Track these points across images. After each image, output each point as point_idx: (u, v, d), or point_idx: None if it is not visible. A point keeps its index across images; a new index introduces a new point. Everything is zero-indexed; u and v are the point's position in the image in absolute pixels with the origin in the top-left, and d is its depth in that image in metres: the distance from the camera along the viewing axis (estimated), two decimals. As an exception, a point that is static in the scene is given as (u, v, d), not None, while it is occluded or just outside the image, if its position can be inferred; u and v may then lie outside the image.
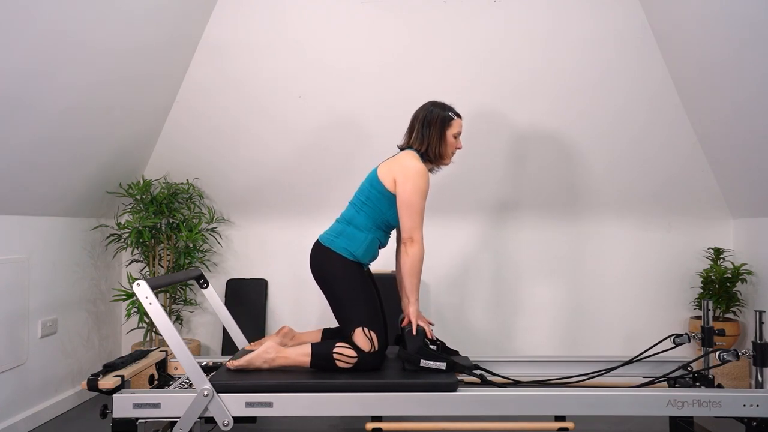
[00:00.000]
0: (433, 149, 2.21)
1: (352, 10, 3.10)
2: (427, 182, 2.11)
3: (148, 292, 1.87)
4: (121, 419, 1.85)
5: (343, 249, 2.13)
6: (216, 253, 3.54)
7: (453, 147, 2.24)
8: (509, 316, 3.44)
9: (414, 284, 2.11)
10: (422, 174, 2.10)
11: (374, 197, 2.15)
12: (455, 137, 2.24)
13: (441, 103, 2.25)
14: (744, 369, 3.10)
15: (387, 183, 2.13)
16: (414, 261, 2.09)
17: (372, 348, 2.05)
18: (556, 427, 1.92)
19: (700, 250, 3.39)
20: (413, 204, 2.08)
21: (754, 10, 2.39)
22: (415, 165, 2.11)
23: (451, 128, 2.22)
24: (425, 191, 2.11)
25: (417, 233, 2.09)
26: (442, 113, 2.21)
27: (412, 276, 2.10)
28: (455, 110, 2.26)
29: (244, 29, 3.14)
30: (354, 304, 2.08)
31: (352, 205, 2.21)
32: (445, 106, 2.24)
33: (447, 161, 2.26)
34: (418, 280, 2.11)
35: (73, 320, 3.01)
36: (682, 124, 3.21)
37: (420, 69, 3.19)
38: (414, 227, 2.09)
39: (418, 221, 2.09)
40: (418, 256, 2.09)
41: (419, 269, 2.11)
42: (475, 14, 3.09)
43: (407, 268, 2.10)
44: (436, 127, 2.20)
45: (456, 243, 3.46)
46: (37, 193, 2.66)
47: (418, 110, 2.26)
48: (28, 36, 2.13)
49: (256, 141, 3.35)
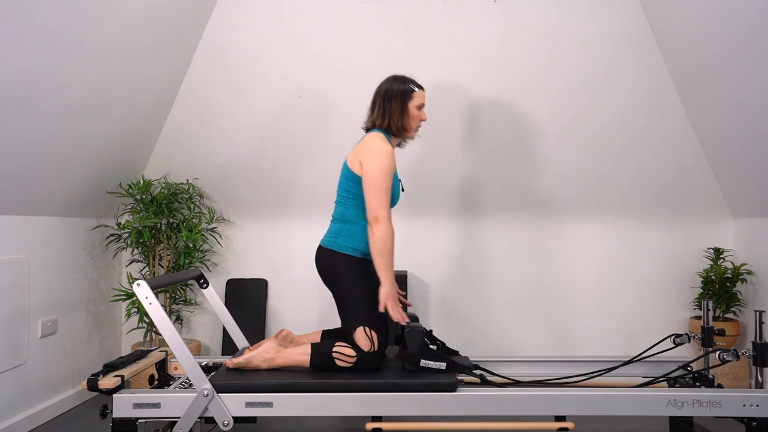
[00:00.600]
0: (395, 122, 2.20)
1: (352, 10, 3.10)
2: (391, 161, 2.10)
3: (148, 292, 1.87)
4: (121, 419, 1.85)
5: (346, 247, 2.13)
6: (216, 253, 3.54)
7: (416, 119, 2.23)
8: (509, 316, 3.44)
9: (383, 264, 2.06)
10: (385, 153, 2.09)
11: (353, 188, 2.14)
12: (418, 109, 2.22)
13: (402, 76, 2.24)
14: (744, 369, 3.10)
15: (357, 169, 2.13)
16: (380, 240, 2.05)
17: (372, 348, 2.05)
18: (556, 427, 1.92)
19: (700, 250, 3.39)
20: (376, 183, 2.06)
21: (754, 10, 2.39)
22: (379, 145, 2.10)
23: (413, 100, 2.21)
24: (389, 170, 2.09)
25: (382, 212, 2.06)
26: (402, 86, 2.21)
27: (380, 256, 2.05)
28: (416, 82, 2.24)
29: (244, 29, 3.14)
30: (357, 304, 2.08)
31: (338, 203, 2.21)
32: (406, 79, 2.23)
33: (411, 134, 2.25)
34: (387, 260, 2.06)
35: (73, 320, 3.01)
36: (682, 124, 3.21)
37: (420, 69, 3.19)
38: (378, 206, 2.06)
39: (383, 200, 2.07)
40: (383, 234, 2.05)
41: (388, 248, 2.06)
42: (475, 14, 3.09)
43: (375, 249, 2.06)
44: (398, 100, 2.20)
45: (456, 243, 3.46)
46: (37, 193, 2.66)
47: (379, 86, 2.25)
48: (28, 36, 2.13)
49: (256, 141, 3.35)
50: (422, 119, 2.25)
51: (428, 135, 3.29)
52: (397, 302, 2.09)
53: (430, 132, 3.28)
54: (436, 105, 3.24)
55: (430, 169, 3.36)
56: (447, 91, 3.21)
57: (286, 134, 3.33)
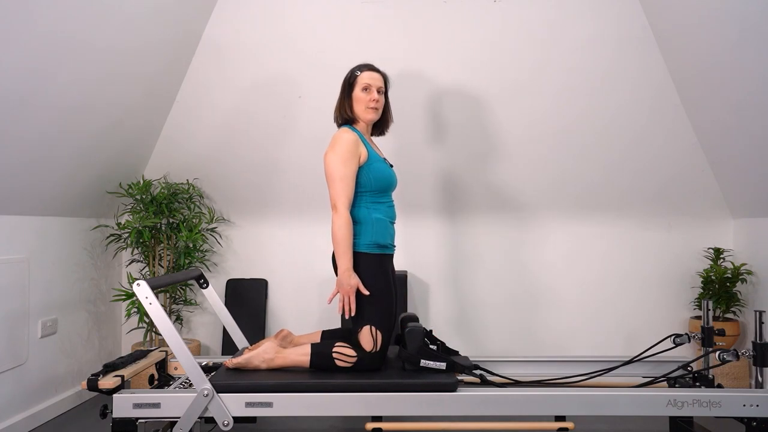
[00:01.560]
0: (345, 113, 2.22)
1: (352, 10, 3.10)
2: (347, 148, 2.08)
3: (148, 292, 1.87)
4: (121, 419, 1.85)
5: (356, 245, 2.10)
6: (216, 253, 3.54)
7: (362, 102, 2.20)
8: (509, 316, 3.44)
9: (338, 252, 2.04)
10: (340, 141, 2.09)
11: None
12: (364, 90, 2.20)
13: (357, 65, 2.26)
14: (744, 369, 3.10)
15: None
16: (335, 229, 2.04)
17: (374, 348, 2.05)
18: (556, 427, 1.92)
19: (700, 250, 3.39)
20: (334, 172, 2.07)
21: (754, 10, 2.39)
22: (337, 135, 2.13)
23: (357, 84, 2.21)
24: (345, 157, 2.07)
25: (339, 200, 2.05)
26: (347, 76, 2.23)
27: (336, 244, 2.04)
28: (365, 65, 2.24)
29: (244, 29, 3.14)
30: (368, 302, 2.07)
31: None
32: (354, 68, 2.24)
33: (367, 116, 2.20)
34: (342, 248, 2.04)
35: (73, 320, 3.01)
36: (682, 124, 3.21)
37: (420, 69, 3.19)
38: (336, 195, 2.06)
39: (340, 188, 2.05)
40: (338, 223, 2.03)
41: (343, 236, 2.03)
42: (475, 14, 3.09)
43: (333, 237, 2.05)
44: (344, 90, 2.23)
45: (456, 243, 3.46)
46: (37, 193, 2.66)
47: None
48: (28, 36, 2.13)
49: (256, 141, 3.35)
50: (373, 99, 2.20)
51: (429, 135, 3.29)
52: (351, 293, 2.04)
53: (430, 132, 3.28)
54: (436, 105, 3.24)
55: (428, 169, 3.36)
56: (447, 91, 3.21)
57: (286, 134, 3.33)
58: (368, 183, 2.13)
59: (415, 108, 3.23)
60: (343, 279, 2.04)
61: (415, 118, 3.25)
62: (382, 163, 2.19)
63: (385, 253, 2.16)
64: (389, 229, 2.18)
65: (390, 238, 2.19)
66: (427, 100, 3.23)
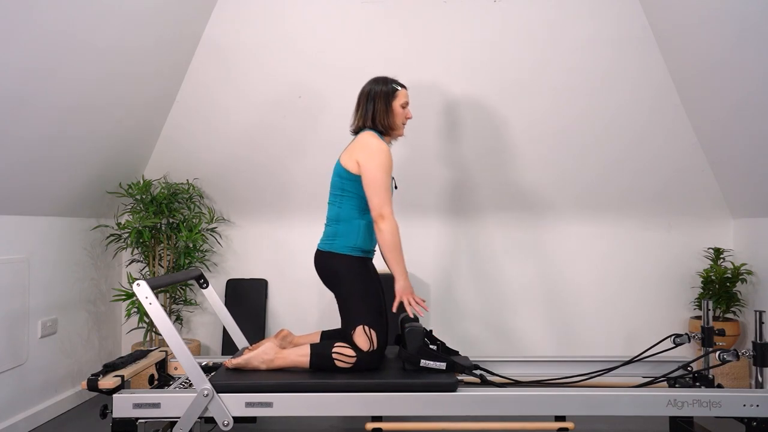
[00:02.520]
0: (381, 121, 2.23)
1: (352, 10, 3.09)
2: (388, 158, 2.13)
3: (148, 292, 1.87)
4: (121, 419, 1.85)
5: (343, 247, 2.13)
6: (216, 253, 3.54)
7: (402, 117, 2.27)
8: (509, 316, 3.45)
9: (395, 259, 2.09)
10: (383, 150, 2.12)
11: (348, 186, 2.16)
12: (402, 107, 2.26)
13: (383, 77, 2.29)
14: (744, 369, 3.10)
15: (352, 168, 2.14)
16: (388, 236, 2.08)
17: (371, 347, 2.05)
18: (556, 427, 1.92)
19: (700, 250, 3.39)
20: (377, 180, 2.09)
21: (754, 10, 2.39)
22: (375, 142, 2.14)
23: (397, 99, 2.25)
24: (388, 167, 2.12)
25: (386, 208, 2.09)
26: (384, 87, 2.25)
27: (391, 251, 2.09)
28: (398, 81, 2.29)
29: (244, 29, 3.14)
30: (356, 303, 2.09)
31: (332, 203, 2.22)
32: (388, 80, 2.27)
33: (399, 131, 2.29)
34: (398, 254, 2.09)
35: (73, 320, 3.01)
36: (682, 124, 3.21)
37: (420, 69, 3.19)
38: (382, 203, 2.09)
39: (385, 197, 2.10)
40: (390, 229, 2.08)
41: (396, 243, 2.09)
42: (475, 14, 3.09)
43: (385, 245, 2.09)
44: (381, 100, 2.24)
45: (456, 243, 3.46)
46: (37, 193, 2.66)
47: (361, 89, 2.30)
48: (28, 36, 2.13)
49: (256, 141, 3.35)
50: (408, 117, 2.29)
51: (428, 135, 3.29)
52: (413, 295, 2.10)
53: (430, 132, 3.28)
54: (436, 105, 3.24)
55: (430, 170, 3.36)
56: (447, 91, 3.21)
57: (286, 134, 3.33)
58: None
59: (414, 108, 3.23)
60: (405, 284, 2.10)
61: (414, 118, 3.25)
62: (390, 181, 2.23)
63: (367, 257, 2.19)
64: (374, 235, 2.21)
65: (373, 244, 2.23)
66: (426, 100, 3.23)
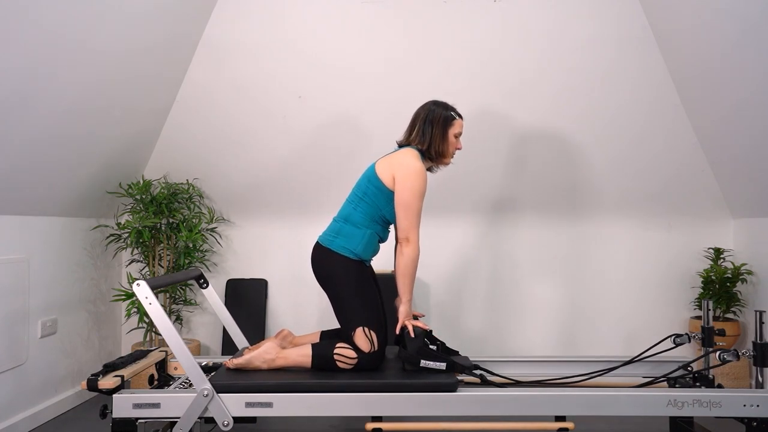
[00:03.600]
0: (435, 147, 2.21)
1: (352, 10, 3.09)
2: (425, 183, 2.12)
3: (148, 292, 1.87)
4: (121, 419, 1.85)
5: (343, 248, 2.12)
6: (216, 253, 3.54)
7: (454, 147, 2.26)
8: (509, 316, 3.44)
9: (406, 284, 2.12)
10: (421, 174, 2.10)
11: (372, 193, 2.14)
12: (456, 137, 2.25)
13: (443, 102, 2.27)
14: (744, 369, 3.10)
15: (385, 179, 2.13)
16: (408, 261, 2.10)
17: (372, 348, 2.05)
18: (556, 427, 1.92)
19: (700, 250, 3.39)
20: (410, 204, 2.08)
21: (754, 10, 2.39)
22: (415, 164, 2.11)
23: (453, 128, 2.23)
24: (423, 192, 2.11)
25: (413, 234, 2.10)
26: (445, 113, 2.22)
27: (404, 276, 2.11)
28: (457, 110, 2.28)
29: (244, 29, 3.14)
30: (355, 304, 2.09)
31: (349, 202, 2.20)
32: (448, 106, 2.25)
33: (448, 161, 2.27)
34: (410, 280, 2.12)
35: (73, 320, 3.01)
36: (682, 124, 3.21)
37: (420, 69, 3.19)
38: (410, 227, 2.09)
39: (415, 222, 2.10)
40: (412, 256, 2.10)
41: (412, 270, 2.12)
42: (476, 14, 3.09)
43: (401, 269, 2.12)
44: (439, 125, 2.21)
45: (456, 242, 3.46)
46: (37, 193, 2.66)
47: (420, 108, 2.27)
48: (28, 36, 2.13)
49: (255, 141, 3.35)
50: (458, 147, 2.27)
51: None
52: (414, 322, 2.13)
53: (430, 132, 3.28)
54: (436, 105, 3.24)
55: (430, 169, 3.36)
56: (447, 91, 3.21)
57: (285, 134, 3.33)
58: (390, 213, 2.16)
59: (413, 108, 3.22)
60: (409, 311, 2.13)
61: (415, 118, 3.25)
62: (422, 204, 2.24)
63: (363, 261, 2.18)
64: (376, 248, 2.22)
65: (370, 255, 2.21)
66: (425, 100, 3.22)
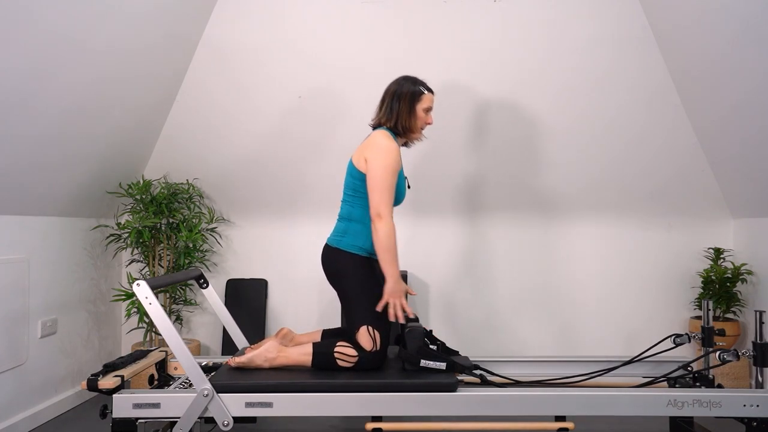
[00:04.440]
0: (402, 122, 2.20)
1: (352, 10, 3.09)
2: (395, 159, 2.10)
3: (148, 292, 1.87)
4: (121, 419, 1.85)
5: (352, 246, 2.12)
6: (216, 253, 3.54)
7: (423, 121, 2.24)
8: (509, 316, 3.44)
9: (387, 260, 2.06)
10: (389, 150, 2.09)
11: (359, 186, 2.15)
12: (425, 112, 2.23)
13: (413, 77, 2.25)
14: (744, 369, 3.10)
15: (361, 166, 2.13)
16: (383, 236, 2.05)
17: (374, 347, 2.05)
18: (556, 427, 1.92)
19: (700, 250, 3.39)
20: (381, 180, 2.06)
21: (754, 10, 2.39)
22: (385, 142, 2.11)
23: (422, 102, 2.22)
24: (393, 168, 2.09)
25: (384, 209, 2.06)
26: (412, 87, 2.22)
27: (384, 252, 2.06)
28: (427, 85, 2.25)
29: (244, 29, 3.14)
30: (361, 303, 2.08)
31: (345, 201, 2.21)
32: (417, 81, 2.24)
33: (417, 135, 2.26)
34: (390, 256, 2.06)
35: (73, 320, 3.01)
36: (682, 124, 3.21)
37: (420, 69, 3.18)
38: (381, 203, 2.06)
39: (386, 197, 2.07)
40: (385, 230, 2.05)
41: (389, 244, 2.06)
42: (475, 14, 3.09)
43: (378, 245, 2.06)
44: (406, 100, 2.20)
45: (456, 242, 3.46)
46: (37, 193, 2.66)
47: (389, 85, 2.26)
48: (28, 36, 2.13)
49: (256, 141, 3.35)
50: (428, 122, 2.26)
51: (430, 135, 3.29)
52: (401, 299, 2.08)
53: (431, 132, 3.28)
54: (435, 105, 3.24)
55: (431, 169, 3.36)
56: (447, 91, 3.21)
57: (285, 134, 3.33)
58: None
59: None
60: (395, 287, 2.07)
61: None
62: (403, 181, 2.23)
63: (374, 257, 2.18)
64: None
65: None
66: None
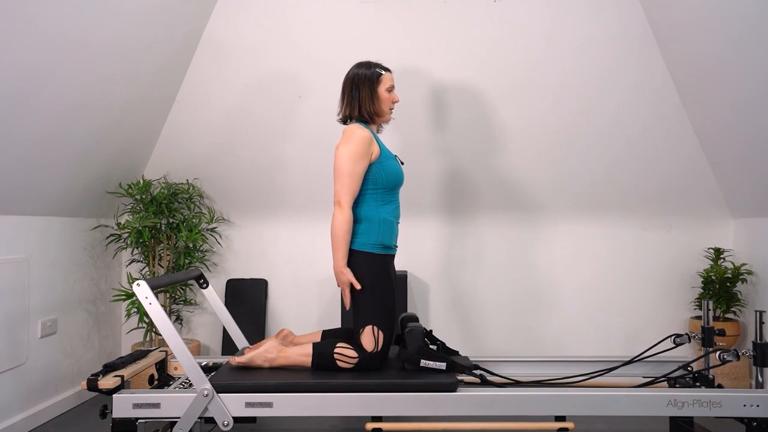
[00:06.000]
0: (366, 108, 2.19)
1: (351, 10, 3.09)
2: (363, 146, 2.08)
3: (148, 292, 1.87)
4: (121, 419, 1.85)
5: (365, 244, 2.11)
6: (216, 253, 3.54)
7: (388, 102, 2.23)
8: (509, 316, 3.44)
9: (336, 246, 2.06)
10: (354, 138, 2.08)
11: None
12: (388, 91, 2.22)
13: (366, 62, 2.25)
14: (744, 369, 3.10)
15: None
16: (337, 225, 2.05)
17: (375, 348, 2.05)
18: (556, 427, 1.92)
19: (700, 250, 3.39)
20: (343, 168, 2.06)
21: (754, 9, 2.39)
22: (351, 130, 2.11)
23: (382, 83, 2.21)
24: (355, 155, 2.07)
25: (344, 197, 2.06)
26: (368, 71, 2.21)
27: (336, 239, 2.06)
28: (382, 65, 2.25)
29: (245, 28, 3.14)
30: (370, 302, 2.08)
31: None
32: (371, 64, 2.23)
33: (386, 117, 2.26)
34: (338, 244, 2.05)
35: (73, 320, 3.01)
36: (682, 124, 3.21)
37: (419, 69, 3.19)
38: (341, 191, 2.06)
39: (347, 185, 2.06)
40: (340, 221, 2.05)
41: (343, 234, 2.05)
42: (475, 14, 3.09)
43: (331, 231, 2.06)
44: (366, 86, 2.19)
45: (456, 243, 3.46)
46: (37, 193, 2.66)
47: (346, 76, 2.25)
48: (28, 35, 2.13)
49: (256, 141, 3.35)
50: (394, 101, 2.25)
51: (428, 134, 3.29)
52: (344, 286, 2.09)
53: (430, 131, 3.28)
54: (435, 104, 3.24)
55: (430, 169, 3.36)
56: (447, 91, 3.21)
57: (286, 134, 3.33)
58: (380, 180, 2.14)
59: (414, 108, 3.23)
60: (338, 275, 2.09)
61: (414, 117, 3.25)
62: (393, 160, 2.20)
63: (388, 254, 2.17)
64: (394, 230, 2.19)
65: (395, 238, 2.20)
66: (427, 100, 3.23)
